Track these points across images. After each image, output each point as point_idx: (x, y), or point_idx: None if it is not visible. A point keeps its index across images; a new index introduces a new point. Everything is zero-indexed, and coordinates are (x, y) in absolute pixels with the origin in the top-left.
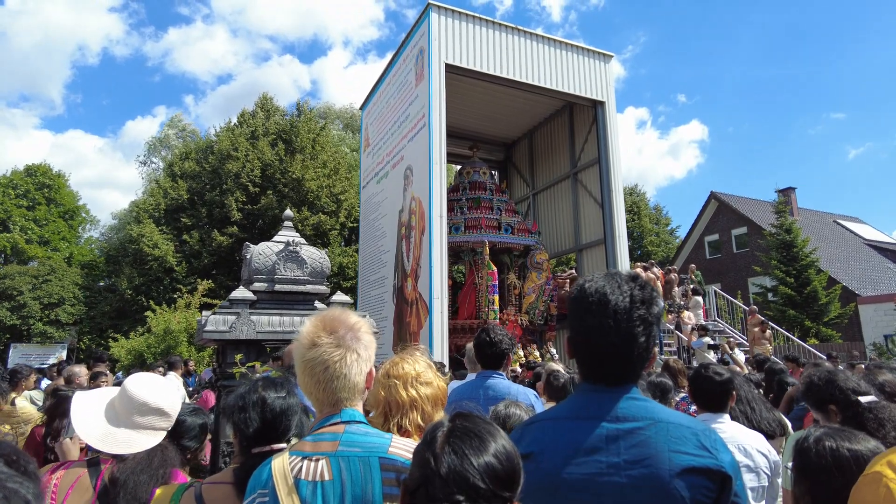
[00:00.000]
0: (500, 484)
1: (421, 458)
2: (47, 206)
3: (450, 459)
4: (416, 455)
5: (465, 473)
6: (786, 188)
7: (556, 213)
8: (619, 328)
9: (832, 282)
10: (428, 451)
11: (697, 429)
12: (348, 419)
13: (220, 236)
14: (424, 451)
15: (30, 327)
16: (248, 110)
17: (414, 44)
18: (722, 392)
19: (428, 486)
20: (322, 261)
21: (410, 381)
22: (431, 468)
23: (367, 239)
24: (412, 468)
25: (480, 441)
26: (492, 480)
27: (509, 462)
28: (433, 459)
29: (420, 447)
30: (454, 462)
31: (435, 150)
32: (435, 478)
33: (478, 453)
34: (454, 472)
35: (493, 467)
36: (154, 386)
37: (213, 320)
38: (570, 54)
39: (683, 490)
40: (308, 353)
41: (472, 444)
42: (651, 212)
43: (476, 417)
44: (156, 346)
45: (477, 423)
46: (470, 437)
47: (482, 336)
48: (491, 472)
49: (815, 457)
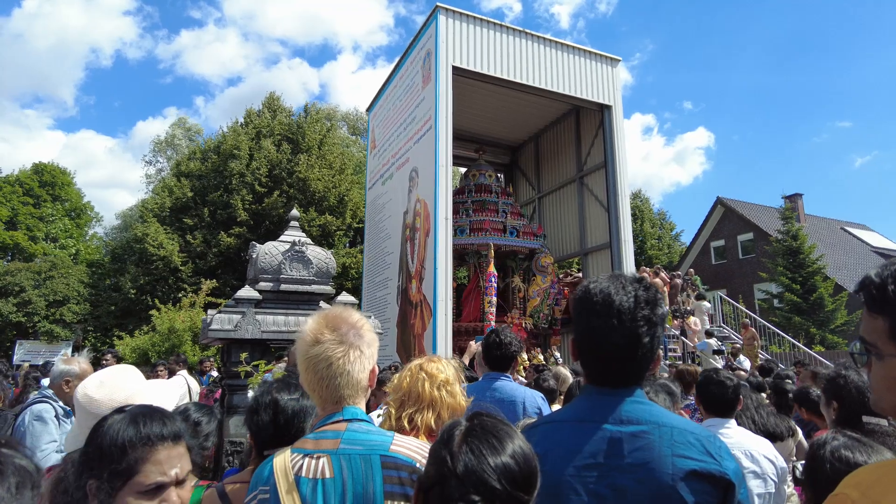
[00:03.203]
0: (517, 485)
1: (437, 455)
2: (53, 204)
3: (467, 458)
4: (432, 453)
5: (481, 473)
6: (793, 194)
7: (561, 216)
8: (623, 328)
9: (839, 289)
10: (445, 450)
11: (702, 434)
12: (350, 417)
13: (227, 237)
14: (441, 449)
15: (35, 324)
16: (254, 110)
17: (421, 46)
18: (732, 398)
19: (443, 485)
20: (328, 261)
21: (439, 383)
22: (448, 467)
23: (371, 240)
24: (428, 466)
25: (498, 441)
26: (508, 481)
27: (526, 464)
28: (450, 458)
29: (437, 445)
30: (471, 461)
31: (441, 152)
32: (451, 477)
33: (495, 454)
34: (471, 472)
35: (511, 468)
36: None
37: (218, 319)
38: (577, 58)
39: (686, 494)
40: (311, 349)
41: (489, 443)
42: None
43: (494, 417)
44: (160, 345)
45: (495, 423)
46: (488, 436)
47: (492, 337)
48: (507, 474)
49: (830, 469)
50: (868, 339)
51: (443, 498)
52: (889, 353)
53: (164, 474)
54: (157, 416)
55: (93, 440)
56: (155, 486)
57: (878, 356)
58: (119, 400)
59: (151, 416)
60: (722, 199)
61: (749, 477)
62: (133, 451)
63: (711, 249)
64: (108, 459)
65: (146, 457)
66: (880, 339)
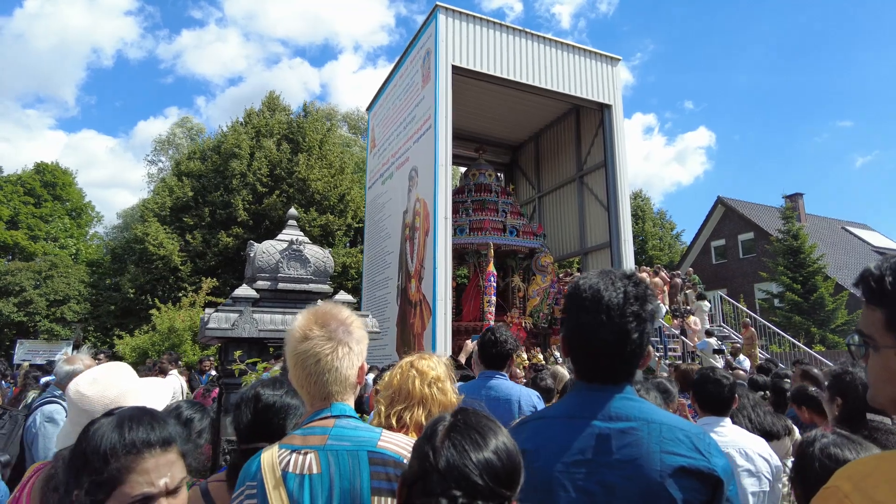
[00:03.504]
0: (499, 481)
1: (420, 451)
2: (54, 203)
3: (449, 454)
4: (415, 448)
5: (463, 469)
6: (793, 194)
7: (561, 216)
8: (611, 324)
9: (839, 288)
10: (427, 445)
11: (691, 431)
12: (339, 413)
13: (226, 237)
14: (424, 445)
15: (36, 324)
16: (254, 109)
17: (421, 45)
18: (727, 397)
19: (426, 480)
20: (325, 260)
21: (430, 380)
22: (430, 462)
23: (371, 240)
24: (411, 461)
25: (481, 437)
26: (491, 477)
27: (510, 460)
28: (432, 453)
29: (420, 440)
30: (453, 457)
31: (440, 151)
32: (433, 472)
33: (478, 449)
34: (453, 467)
35: (493, 464)
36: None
37: (215, 318)
38: (577, 57)
39: (675, 491)
40: (300, 345)
41: (472, 439)
42: (654, 216)
43: (478, 413)
44: (160, 345)
45: (479, 419)
46: (471, 432)
47: (487, 335)
48: (490, 469)
49: (819, 466)
50: (865, 331)
51: (425, 493)
52: (885, 344)
53: (151, 484)
54: (145, 420)
55: (79, 445)
56: (141, 498)
57: (875, 348)
58: (111, 397)
59: (139, 421)
60: (722, 198)
61: (743, 475)
62: (116, 459)
63: (712, 249)
64: (90, 468)
65: (131, 465)
66: (877, 330)
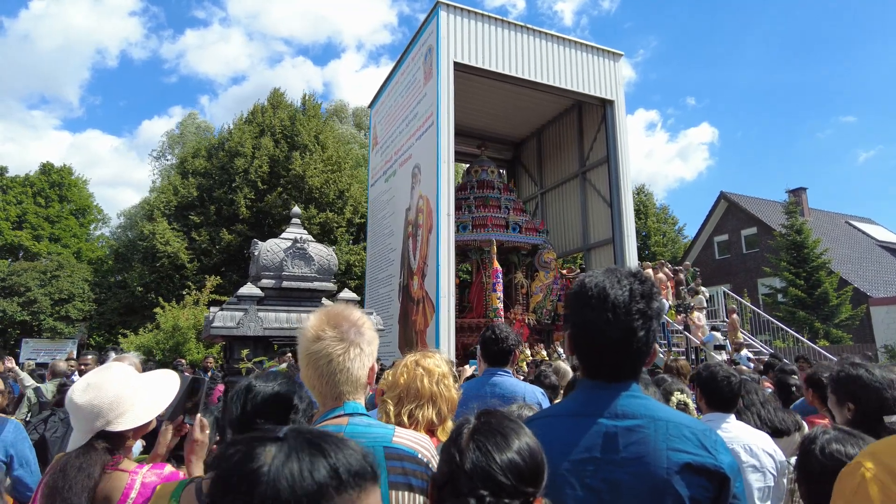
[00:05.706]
0: (524, 480)
1: (447, 454)
2: (60, 204)
3: (474, 456)
4: (443, 452)
5: (488, 469)
6: (797, 188)
7: (564, 212)
8: (617, 322)
9: (843, 283)
10: (454, 448)
11: (697, 428)
12: (352, 412)
13: (228, 235)
14: (451, 448)
15: (40, 322)
16: (260, 105)
17: (423, 42)
18: (734, 394)
19: (454, 481)
20: (329, 258)
21: (437, 377)
22: (457, 463)
23: (374, 237)
24: (440, 464)
25: (504, 438)
26: (515, 476)
27: (532, 459)
28: (458, 455)
29: (447, 444)
30: (478, 458)
31: (443, 148)
32: (460, 474)
33: (501, 450)
34: (478, 468)
35: (517, 464)
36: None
37: (220, 316)
38: (579, 53)
39: (681, 488)
40: (312, 346)
41: (495, 441)
42: (657, 212)
43: (501, 415)
44: (164, 343)
45: (502, 420)
46: (494, 434)
47: (487, 333)
48: (514, 469)
49: (819, 463)
50: None
51: (454, 493)
52: None
53: None
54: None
55: (242, 483)
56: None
57: None
58: (105, 403)
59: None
60: (725, 193)
61: (748, 471)
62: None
63: (715, 244)
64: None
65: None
66: None
